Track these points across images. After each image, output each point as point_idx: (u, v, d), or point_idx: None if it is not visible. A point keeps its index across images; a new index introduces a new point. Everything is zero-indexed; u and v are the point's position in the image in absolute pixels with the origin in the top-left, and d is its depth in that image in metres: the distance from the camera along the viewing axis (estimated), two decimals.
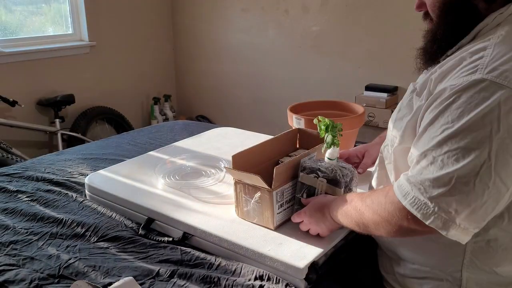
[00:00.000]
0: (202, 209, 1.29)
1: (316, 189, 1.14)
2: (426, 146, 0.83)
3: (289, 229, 1.17)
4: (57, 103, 3.17)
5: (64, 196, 1.48)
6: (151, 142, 2.04)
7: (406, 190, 0.84)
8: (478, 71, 0.80)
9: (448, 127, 0.80)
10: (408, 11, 2.80)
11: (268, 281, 1.03)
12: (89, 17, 3.40)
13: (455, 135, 0.79)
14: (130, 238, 1.23)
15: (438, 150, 0.81)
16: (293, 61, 3.40)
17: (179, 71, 4.17)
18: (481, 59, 0.81)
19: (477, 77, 0.79)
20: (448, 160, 0.79)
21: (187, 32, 3.98)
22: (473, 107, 0.78)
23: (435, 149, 0.81)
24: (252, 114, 3.76)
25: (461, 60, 0.85)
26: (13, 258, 1.16)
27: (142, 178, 1.51)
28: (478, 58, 0.82)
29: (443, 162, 0.80)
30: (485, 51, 0.82)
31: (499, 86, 0.77)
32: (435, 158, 0.81)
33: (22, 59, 3.08)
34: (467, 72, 0.81)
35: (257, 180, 1.11)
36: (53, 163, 1.77)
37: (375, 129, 2.88)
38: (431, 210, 0.80)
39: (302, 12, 3.26)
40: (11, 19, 3.21)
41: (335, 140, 1.15)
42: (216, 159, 1.63)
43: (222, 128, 2.13)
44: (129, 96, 3.82)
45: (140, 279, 1.07)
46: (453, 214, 0.79)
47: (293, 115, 1.50)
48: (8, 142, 2.95)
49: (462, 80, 0.81)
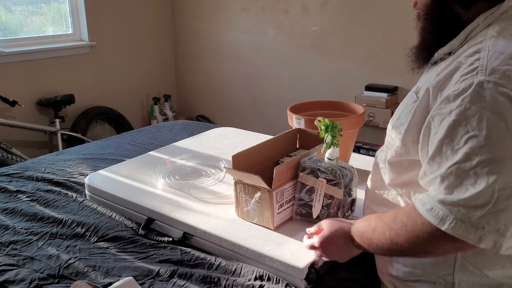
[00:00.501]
0: (202, 209, 1.29)
1: (316, 190, 1.14)
2: (450, 161, 0.78)
3: (289, 229, 1.17)
4: (57, 103, 3.16)
5: (64, 196, 1.48)
6: (151, 142, 2.04)
7: (442, 214, 0.77)
8: (479, 74, 0.78)
9: (471, 136, 0.75)
10: (408, 11, 2.80)
11: (268, 281, 1.03)
12: (89, 17, 3.40)
13: (483, 145, 0.74)
14: (130, 238, 1.23)
15: (468, 163, 0.75)
16: (293, 61, 3.40)
17: (179, 71, 4.17)
18: (478, 60, 0.80)
19: (480, 79, 0.77)
20: (481, 171, 0.74)
21: (187, 32, 3.98)
22: (490, 113, 0.74)
23: (463, 163, 0.76)
24: (252, 114, 3.76)
25: (457, 65, 0.84)
26: (13, 258, 1.16)
27: (142, 178, 1.51)
28: (475, 60, 0.80)
29: (476, 176, 0.74)
30: (481, 53, 0.81)
31: (505, 87, 0.75)
32: (466, 172, 0.75)
33: (22, 59, 3.08)
34: (467, 75, 0.79)
35: (257, 180, 1.11)
36: (53, 163, 1.77)
37: (375, 129, 2.88)
38: (479, 233, 0.74)
39: (302, 12, 3.26)
40: (11, 19, 3.21)
41: (335, 140, 1.15)
42: (216, 159, 1.63)
43: (222, 128, 2.13)
44: (129, 96, 3.82)
45: (140, 279, 1.07)
46: (502, 229, 0.74)
47: (293, 115, 1.50)
48: (8, 142, 2.95)
49: (464, 84, 0.78)
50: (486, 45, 0.82)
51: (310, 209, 1.16)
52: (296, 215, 1.19)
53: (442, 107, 0.82)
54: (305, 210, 1.17)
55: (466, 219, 0.74)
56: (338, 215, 1.15)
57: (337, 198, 1.13)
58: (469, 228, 0.74)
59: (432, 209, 0.79)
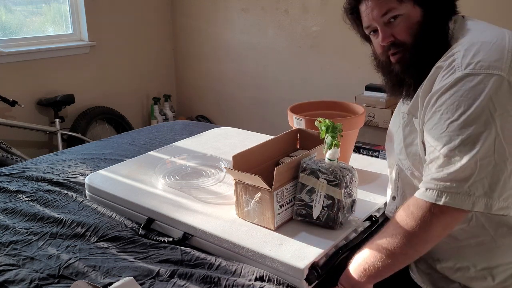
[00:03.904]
0: (202, 210, 1.28)
1: (316, 190, 1.14)
2: (439, 146, 0.89)
3: (289, 229, 1.17)
4: (57, 103, 3.16)
5: (64, 196, 1.48)
6: (151, 142, 2.04)
7: (436, 192, 0.88)
8: (457, 71, 0.90)
9: (453, 120, 0.88)
10: None
11: (269, 282, 1.03)
12: (89, 17, 3.40)
13: (463, 125, 0.86)
14: (130, 238, 1.23)
15: (452, 144, 0.87)
16: (293, 61, 3.40)
17: (179, 71, 4.16)
18: (454, 61, 0.92)
19: (458, 74, 0.90)
20: (465, 148, 0.86)
21: (187, 32, 3.98)
22: (467, 97, 0.87)
23: (447, 144, 0.88)
24: (252, 114, 3.76)
25: (437, 70, 0.95)
26: (13, 258, 1.16)
27: (142, 178, 1.51)
28: (452, 61, 0.92)
29: (461, 152, 0.86)
30: (455, 55, 0.93)
31: (479, 75, 0.88)
32: (452, 151, 0.87)
33: (22, 59, 3.08)
34: (447, 75, 0.92)
35: (258, 181, 1.11)
36: (53, 163, 1.76)
37: (375, 129, 2.88)
38: (472, 199, 0.85)
39: (302, 12, 3.26)
40: (11, 19, 3.21)
41: (335, 141, 1.15)
42: (216, 159, 1.63)
43: (222, 128, 2.12)
44: (129, 96, 3.82)
45: (140, 279, 1.07)
46: (489, 192, 0.85)
47: (293, 116, 1.49)
48: (8, 142, 2.95)
49: (445, 82, 0.91)
50: (459, 49, 0.94)
51: (310, 209, 1.16)
52: (296, 216, 1.19)
53: (427, 105, 0.95)
54: (306, 211, 1.17)
55: (459, 191, 0.86)
56: (339, 216, 1.15)
57: (337, 199, 1.13)
58: (463, 197, 0.85)
59: (427, 189, 0.90)
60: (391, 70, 1.08)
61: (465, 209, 0.86)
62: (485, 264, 1.01)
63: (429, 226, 0.89)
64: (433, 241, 0.92)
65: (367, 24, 1.07)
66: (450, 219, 0.89)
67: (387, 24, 1.03)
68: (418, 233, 0.90)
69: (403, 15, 1.01)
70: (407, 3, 1.00)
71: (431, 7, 1.01)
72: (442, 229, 0.90)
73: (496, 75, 0.87)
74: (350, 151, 1.55)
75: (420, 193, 0.91)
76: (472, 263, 1.02)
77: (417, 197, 0.92)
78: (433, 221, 0.88)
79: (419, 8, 1.01)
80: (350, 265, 1.02)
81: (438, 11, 1.01)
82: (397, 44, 1.03)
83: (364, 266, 0.98)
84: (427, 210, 0.89)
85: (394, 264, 0.96)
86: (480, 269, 1.02)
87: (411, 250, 0.93)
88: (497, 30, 0.98)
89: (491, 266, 1.01)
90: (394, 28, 1.02)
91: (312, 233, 1.15)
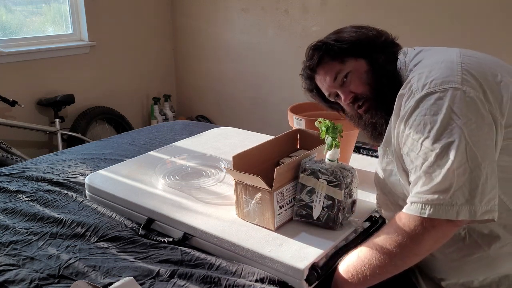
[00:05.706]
0: (203, 210, 1.28)
1: (316, 191, 1.14)
2: (418, 165, 0.93)
3: (289, 230, 1.17)
4: (57, 103, 3.16)
5: (64, 196, 1.48)
6: (151, 142, 2.04)
7: (421, 204, 0.90)
8: (416, 94, 0.96)
9: (424, 138, 0.92)
10: (407, 11, 2.80)
11: (269, 282, 1.03)
12: (89, 17, 3.40)
13: (434, 140, 0.90)
14: (130, 238, 1.23)
15: (429, 161, 0.90)
16: (293, 61, 3.39)
17: (179, 71, 4.16)
18: (412, 86, 0.98)
19: (417, 97, 0.95)
20: (441, 162, 0.89)
21: (187, 32, 3.98)
22: (430, 114, 0.92)
23: (425, 161, 0.91)
24: (252, 114, 3.76)
25: (400, 98, 1.01)
26: (13, 258, 1.16)
27: (142, 178, 1.51)
28: (410, 87, 0.98)
29: (439, 166, 0.89)
30: (411, 81, 0.99)
31: (436, 92, 0.93)
32: (431, 167, 0.90)
33: (22, 59, 3.08)
34: (409, 100, 0.97)
35: (258, 181, 1.11)
36: (53, 163, 1.76)
37: None
38: (455, 209, 0.87)
39: (302, 12, 3.26)
40: (11, 19, 3.21)
41: (336, 142, 1.15)
42: (216, 159, 1.63)
43: (222, 128, 2.13)
44: (129, 96, 3.82)
45: (140, 279, 1.07)
46: (470, 199, 0.87)
47: (293, 116, 1.49)
48: (8, 142, 2.95)
49: (408, 106, 0.96)
50: (412, 77, 1.00)
51: (310, 210, 1.16)
52: (296, 216, 1.19)
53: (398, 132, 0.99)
54: (306, 211, 1.17)
55: (442, 202, 0.88)
56: (339, 216, 1.15)
57: (337, 199, 1.13)
58: (446, 207, 0.87)
59: (411, 203, 0.92)
60: (364, 121, 1.16)
61: (452, 219, 0.87)
62: (487, 275, 1.03)
63: (421, 240, 0.91)
64: (423, 254, 0.94)
65: (328, 92, 1.19)
66: (441, 233, 0.91)
67: (342, 85, 1.14)
68: (409, 246, 0.92)
69: (351, 71, 1.12)
70: (349, 60, 1.12)
71: (371, 54, 1.11)
72: (433, 242, 0.92)
73: (451, 88, 0.92)
74: (350, 151, 1.55)
75: (406, 207, 0.94)
76: (475, 277, 1.04)
77: (404, 211, 0.94)
78: (425, 235, 0.90)
79: (361, 59, 1.11)
80: (339, 267, 1.05)
81: (379, 54, 1.11)
82: (358, 98, 1.13)
83: (352, 272, 1.01)
84: (418, 224, 0.90)
85: (381, 275, 0.98)
86: (484, 280, 1.03)
87: (400, 262, 0.96)
88: (446, 50, 1.06)
89: (494, 276, 1.02)
90: (349, 85, 1.13)
91: (312, 234, 1.15)
